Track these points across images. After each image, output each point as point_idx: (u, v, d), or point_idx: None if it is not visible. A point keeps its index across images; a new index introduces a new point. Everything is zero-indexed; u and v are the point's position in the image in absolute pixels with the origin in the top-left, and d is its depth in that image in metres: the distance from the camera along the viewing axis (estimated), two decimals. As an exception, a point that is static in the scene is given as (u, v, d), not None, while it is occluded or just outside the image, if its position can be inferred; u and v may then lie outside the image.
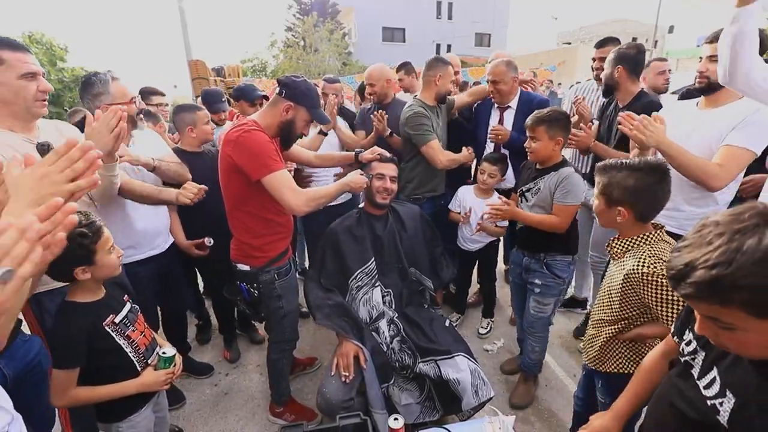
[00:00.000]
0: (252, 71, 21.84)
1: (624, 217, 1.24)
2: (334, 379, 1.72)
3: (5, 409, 0.83)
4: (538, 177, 1.93)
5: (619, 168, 1.23)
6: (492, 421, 1.38)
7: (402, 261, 2.02)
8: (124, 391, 1.29)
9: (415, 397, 1.81)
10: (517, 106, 2.52)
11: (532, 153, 1.89)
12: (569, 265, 1.98)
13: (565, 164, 1.89)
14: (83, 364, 1.21)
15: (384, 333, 1.88)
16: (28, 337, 1.36)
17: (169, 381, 1.39)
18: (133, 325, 1.35)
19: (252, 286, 1.78)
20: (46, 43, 12.26)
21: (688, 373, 0.85)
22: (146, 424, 1.41)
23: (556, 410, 2.13)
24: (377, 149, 2.02)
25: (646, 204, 1.22)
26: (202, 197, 1.80)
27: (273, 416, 2.11)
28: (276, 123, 1.66)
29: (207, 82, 7.91)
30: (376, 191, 1.95)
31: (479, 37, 28.20)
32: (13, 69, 1.32)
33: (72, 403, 1.26)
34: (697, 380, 0.82)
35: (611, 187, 1.24)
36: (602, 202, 1.29)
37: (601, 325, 1.40)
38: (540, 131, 1.83)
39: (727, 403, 0.73)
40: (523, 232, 2.05)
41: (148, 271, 1.96)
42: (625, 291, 1.25)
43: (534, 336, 2.10)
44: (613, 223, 1.29)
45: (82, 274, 1.18)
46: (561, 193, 1.82)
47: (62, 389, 1.21)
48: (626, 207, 1.22)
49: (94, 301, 1.27)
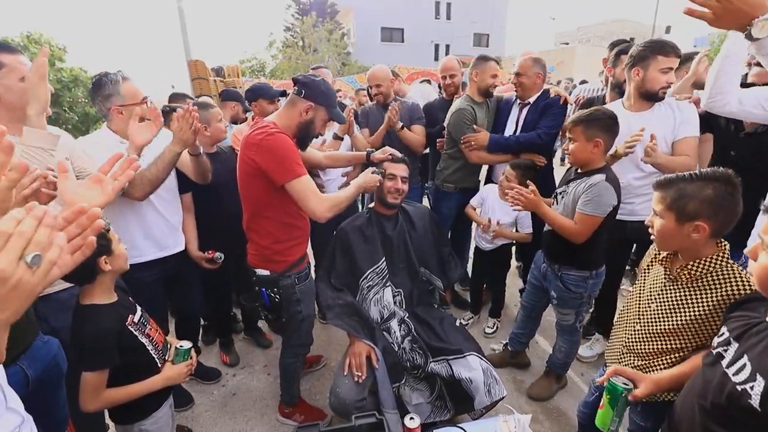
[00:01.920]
0: (250, 71, 21.80)
1: (702, 233, 1.09)
2: (347, 379, 1.71)
3: (15, 411, 0.83)
4: (573, 180, 1.83)
5: (689, 179, 1.10)
6: (507, 420, 1.38)
7: (412, 261, 2.02)
8: (152, 387, 1.31)
9: (425, 397, 1.81)
10: (533, 103, 2.51)
11: (570, 155, 1.79)
12: (585, 280, 1.87)
13: (603, 171, 1.73)
14: (115, 363, 1.22)
15: (395, 333, 1.88)
16: (47, 339, 1.35)
17: (189, 373, 1.42)
18: (148, 323, 1.38)
19: (272, 291, 1.75)
20: (44, 43, 12.22)
21: (718, 363, 0.89)
22: (167, 420, 1.43)
23: (565, 410, 2.14)
24: (388, 149, 2.02)
25: (726, 216, 1.08)
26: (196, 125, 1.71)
27: (282, 416, 2.10)
28: (295, 124, 1.64)
29: (207, 83, 7.88)
30: (387, 191, 1.95)
31: (478, 37, 28.25)
32: (14, 72, 1.31)
33: (105, 405, 1.26)
34: (726, 368, 0.86)
35: (684, 200, 1.09)
36: (672, 220, 1.13)
37: (654, 355, 1.26)
38: (577, 132, 1.72)
39: (758, 387, 0.77)
40: (547, 236, 1.98)
41: (153, 276, 1.90)
42: (713, 318, 1.12)
43: (561, 337, 2.11)
44: (683, 244, 1.15)
45: (104, 265, 1.20)
46: (583, 200, 1.70)
47: (94, 391, 1.21)
48: (705, 221, 1.08)
49: (114, 302, 1.28)
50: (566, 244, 1.80)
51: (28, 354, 1.24)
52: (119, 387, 1.26)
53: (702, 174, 1.09)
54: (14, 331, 1.20)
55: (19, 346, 1.24)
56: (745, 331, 0.89)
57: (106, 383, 1.23)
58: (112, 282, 1.28)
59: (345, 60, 22.48)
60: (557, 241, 1.85)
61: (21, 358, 1.23)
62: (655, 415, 1.29)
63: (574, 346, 2.13)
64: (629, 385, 1.09)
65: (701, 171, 1.11)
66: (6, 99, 1.32)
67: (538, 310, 2.25)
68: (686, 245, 1.15)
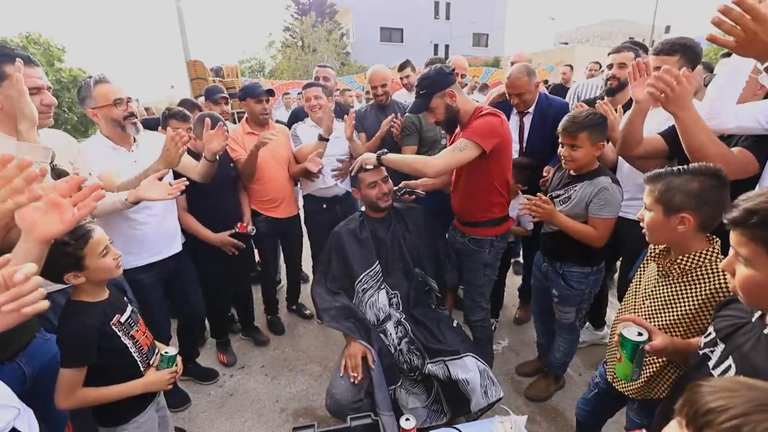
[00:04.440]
0: (250, 71, 21.79)
1: (688, 225, 1.11)
2: (343, 380, 1.71)
3: (7, 407, 0.83)
4: (570, 184, 1.81)
5: (677, 173, 1.13)
6: (503, 421, 1.38)
7: (407, 262, 2.01)
8: (130, 391, 1.29)
9: (422, 401, 1.81)
10: (534, 110, 2.46)
11: (572, 161, 1.74)
12: (587, 276, 1.88)
13: (602, 172, 1.75)
14: (93, 362, 1.21)
15: (391, 335, 1.88)
16: (48, 337, 1.37)
17: (172, 381, 1.40)
18: (136, 325, 1.36)
19: None
20: (43, 44, 12.20)
21: (704, 364, 0.90)
22: (151, 424, 1.41)
23: (563, 410, 2.14)
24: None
25: (711, 209, 1.09)
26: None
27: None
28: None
29: (206, 83, 7.88)
30: (376, 199, 1.94)
31: (477, 37, 28.21)
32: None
33: (78, 404, 1.25)
34: (711, 370, 0.87)
35: (671, 193, 1.12)
36: (660, 212, 1.15)
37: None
38: (582, 138, 1.68)
39: None
40: (545, 237, 1.98)
41: (152, 277, 1.93)
42: (704, 313, 1.14)
43: (560, 336, 2.10)
44: (671, 236, 1.17)
45: (74, 279, 1.19)
46: (598, 205, 1.70)
47: (69, 389, 1.20)
48: (690, 213, 1.10)
49: (101, 300, 1.27)
50: (567, 241, 1.80)
51: (27, 351, 1.27)
52: (96, 387, 1.25)
53: (690, 168, 1.12)
54: (13, 329, 1.21)
55: (17, 344, 1.26)
56: (732, 332, 0.89)
57: (86, 382, 1.23)
58: (97, 285, 1.27)
59: (344, 60, 22.47)
60: (558, 240, 1.86)
61: (19, 355, 1.26)
62: (652, 413, 1.28)
63: (573, 345, 2.13)
64: (644, 335, 1.08)
65: (691, 165, 1.13)
66: (7, 108, 1.34)
67: (549, 314, 2.19)
68: (674, 238, 1.17)
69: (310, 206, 2.83)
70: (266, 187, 2.58)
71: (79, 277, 1.19)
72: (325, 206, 2.77)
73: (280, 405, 2.24)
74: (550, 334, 2.22)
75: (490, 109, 1.83)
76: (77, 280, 1.19)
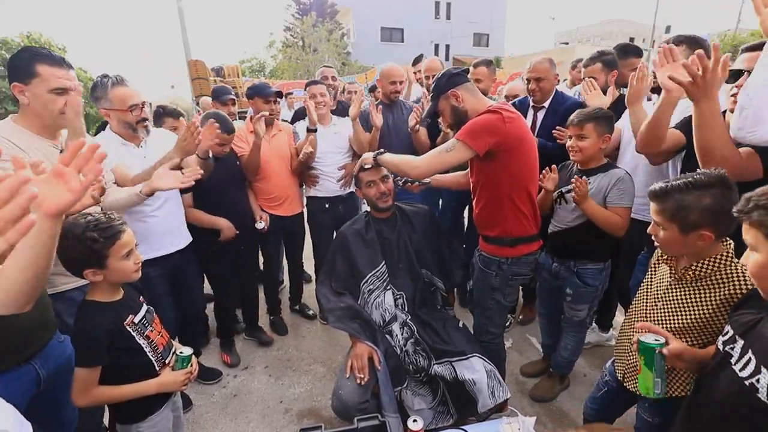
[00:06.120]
0: (250, 71, 21.78)
1: (708, 241, 1.10)
2: (350, 381, 1.70)
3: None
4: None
5: (684, 189, 1.09)
6: (511, 422, 1.37)
7: (413, 262, 2.00)
8: (144, 391, 1.29)
9: (428, 402, 1.79)
10: (549, 105, 2.47)
11: (579, 152, 1.80)
12: (601, 272, 1.91)
13: (614, 165, 1.82)
14: (105, 362, 1.21)
15: (397, 336, 1.87)
16: (63, 338, 1.37)
17: (187, 381, 1.40)
18: (151, 325, 1.36)
19: None
20: (44, 43, 12.23)
21: (726, 362, 0.91)
22: (165, 423, 1.41)
23: (568, 411, 2.13)
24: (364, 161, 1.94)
25: (728, 218, 1.04)
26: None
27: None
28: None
29: (207, 83, 7.89)
30: (375, 198, 1.93)
31: (477, 37, 28.20)
32: (45, 83, 1.40)
33: (94, 402, 1.26)
34: (734, 365, 0.88)
35: (685, 212, 1.09)
36: (675, 230, 1.12)
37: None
38: (589, 128, 1.76)
39: (764, 379, 0.80)
40: (557, 237, 1.98)
41: (157, 270, 1.94)
42: (717, 318, 1.13)
43: (568, 334, 2.10)
44: (689, 250, 1.16)
45: (92, 276, 1.20)
46: (618, 195, 1.75)
47: (84, 387, 1.21)
48: (708, 229, 1.08)
49: (115, 300, 1.27)
50: (581, 239, 1.83)
51: (42, 353, 1.26)
52: (111, 386, 1.25)
53: (697, 182, 1.08)
54: (30, 330, 1.20)
55: (34, 346, 1.26)
56: (752, 327, 0.89)
57: (102, 380, 1.23)
58: (113, 285, 1.28)
59: (345, 60, 22.46)
60: (571, 238, 1.88)
61: (35, 357, 1.25)
62: (663, 412, 1.28)
63: (581, 344, 2.13)
64: (660, 340, 1.07)
65: (695, 178, 1.09)
66: (33, 106, 1.42)
67: (557, 314, 2.20)
68: (693, 250, 1.15)
69: (313, 206, 2.87)
70: (269, 184, 2.60)
71: (98, 275, 1.20)
72: (328, 206, 2.81)
73: (285, 406, 2.24)
74: (556, 334, 2.21)
75: (497, 105, 1.66)
76: (95, 277, 1.20)
